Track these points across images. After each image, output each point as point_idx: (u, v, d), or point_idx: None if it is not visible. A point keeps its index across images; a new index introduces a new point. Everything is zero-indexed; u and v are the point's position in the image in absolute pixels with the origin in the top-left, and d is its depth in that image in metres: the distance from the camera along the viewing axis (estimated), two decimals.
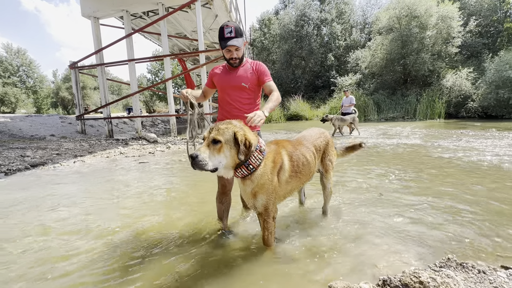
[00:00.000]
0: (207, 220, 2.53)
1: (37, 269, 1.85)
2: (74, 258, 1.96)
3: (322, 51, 25.09)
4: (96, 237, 2.29)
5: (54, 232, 2.41)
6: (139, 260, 1.91)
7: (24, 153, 6.41)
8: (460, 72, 15.90)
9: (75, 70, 10.93)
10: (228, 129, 1.61)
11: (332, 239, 2.09)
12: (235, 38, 2.02)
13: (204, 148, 1.57)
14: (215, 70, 2.25)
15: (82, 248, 2.11)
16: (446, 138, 7.56)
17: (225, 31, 2.01)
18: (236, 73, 2.16)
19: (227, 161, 1.63)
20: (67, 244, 2.18)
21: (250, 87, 2.15)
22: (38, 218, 2.75)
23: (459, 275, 1.02)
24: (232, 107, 2.16)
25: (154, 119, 18.98)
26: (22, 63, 40.48)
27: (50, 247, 2.15)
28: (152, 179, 4.22)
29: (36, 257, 2.00)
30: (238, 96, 2.15)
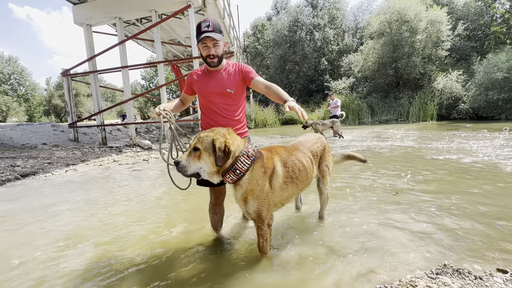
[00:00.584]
0: (200, 229, 2.48)
1: (30, 283, 1.78)
2: (66, 272, 1.90)
3: (316, 55, 25.38)
4: (86, 251, 2.22)
5: (42, 245, 2.33)
6: (133, 268, 1.85)
7: (15, 162, 6.27)
8: (450, 74, 16.24)
9: (68, 77, 10.82)
10: (207, 137, 1.68)
11: (328, 246, 2.06)
12: (213, 32, 1.85)
13: (186, 156, 1.70)
14: (193, 75, 2.08)
15: (72, 262, 2.04)
16: (439, 140, 7.66)
17: (202, 26, 1.86)
18: (219, 78, 1.99)
19: (208, 167, 1.69)
20: (57, 259, 2.11)
21: (236, 91, 2.00)
22: (26, 231, 2.66)
23: (456, 282, 1.01)
24: (218, 115, 2.02)
25: (148, 125, 18.84)
26: (14, 71, 40.01)
27: (40, 260, 2.07)
28: (145, 187, 4.15)
29: (24, 271, 1.93)
30: (223, 103, 2.00)
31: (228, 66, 2.03)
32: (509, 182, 3.43)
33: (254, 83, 1.98)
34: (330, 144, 8.01)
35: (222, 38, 1.92)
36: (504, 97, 13.66)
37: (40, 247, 2.30)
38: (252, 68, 2.05)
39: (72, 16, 10.11)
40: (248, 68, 2.02)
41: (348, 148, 7.04)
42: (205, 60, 1.95)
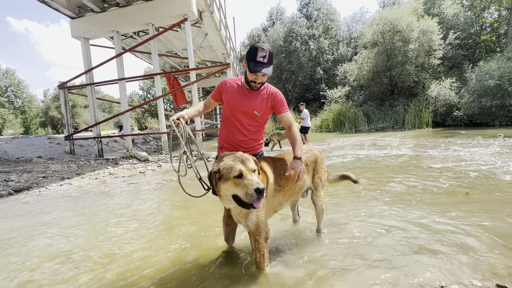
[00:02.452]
0: (196, 244, 2.44)
1: None
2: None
3: (311, 65, 25.79)
4: (82, 270, 2.16)
5: (35, 266, 2.26)
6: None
7: (8, 177, 6.18)
8: (443, 82, 16.53)
9: (64, 90, 10.83)
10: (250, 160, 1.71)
11: (325, 262, 2.03)
12: (267, 66, 1.90)
13: (256, 179, 1.63)
14: (227, 84, 2.11)
15: (71, 281, 1.98)
16: (435, 147, 7.71)
17: (258, 55, 1.86)
18: (252, 100, 2.05)
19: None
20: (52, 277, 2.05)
21: (262, 115, 2.09)
22: (16, 251, 2.59)
23: None
24: (238, 131, 2.10)
25: (145, 136, 18.80)
26: (11, 83, 40.08)
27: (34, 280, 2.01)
28: (141, 201, 4.09)
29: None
30: (247, 123, 2.08)
31: (264, 89, 2.09)
32: (505, 191, 3.44)
33: (281, 117, 2.12)
34: (326, 153, 8.02)
35: (272, 68, 1.97)
36: (496, 103, 13.88)
37: (38, 264, 2.24)
38: (284, 100, 2.14)
39: (70, 29, 10.23)
40: (282, 100, 2.11)
41: (346, 157, 7.05)
42: (249, 83, 2.00)
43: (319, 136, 15.90)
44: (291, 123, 2.10)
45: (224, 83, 2.12)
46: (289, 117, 2.12)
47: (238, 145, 2.14)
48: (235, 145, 2.15)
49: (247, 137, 2.12)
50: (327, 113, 19.56)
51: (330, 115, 19.08)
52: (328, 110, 19.82)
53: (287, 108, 2.15)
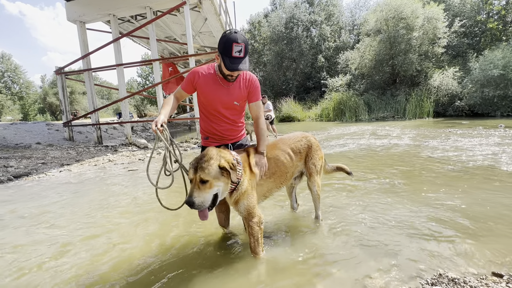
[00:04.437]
0: (194, 230, 2.46)
1: None
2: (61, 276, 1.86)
3: (312, 52, 25.30)
4: (81, 256, 2.18)
5: (32, 251, 2.29)
6: (136, 273, 1.82)
7: (7, 163, 6.18)
8: (446, 71, 16.27)
9: (61, 76, 10.66)
10: (211, 166, 1.65)
11: (322, 249, 2.05)
12: (243, 60, 1.78)
13: (196, 192, 1.64)
14: (199, 74, 1.96)
15: (68, 265, 2.00)
16: (435, 137, 7.68)
17: (234, 50, 1.72)
18: (229, 90, 1.97)
19: (222, 189, 1.72)
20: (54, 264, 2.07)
21: (241, 104, 2.06)
22: (13, 236, 2.62)
23: None
24: (221, 121, 2.06)
25: (145, 124, 18.70)
26: (7, 68, 39.44)
27: (28, 266, 2.03)
28: (140, 188, 4.10)
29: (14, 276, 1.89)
30: (229, 114, 2.05)
31: (239, 77, 2.00)
32: (505, 181, 3.44)
33: (251, 107, 2.08)
34: (326, 142, 8.00)
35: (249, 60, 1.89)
36: (499, 94, 13.73)
37: (35, 251, 2.26)
38: (259, 87, 2.06)
39: (65, 12, 9.94)
40: (257, 89, 2.04)
41: (346, 146, 7.04)
42: (225, 76, 1.90)
43: (319, 125, 15.84)
44: (259, 115, 2.08)
45: (196, 74, 1.96)
46: (258, 107, 2.08)
47: (225, 134, 2.12)
48: (222, 135, 2.12)
49: (232, 126, 2.11)
50: (328, 102, 19.38)
51: (330, 104, 18.91)
52: (328, 99, 19.62)
53: (259, 96, 2.08)
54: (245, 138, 2.28)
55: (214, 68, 1.99)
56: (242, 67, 1.77)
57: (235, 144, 2.17)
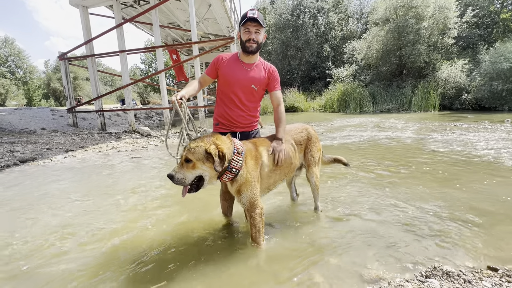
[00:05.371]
0: (199, 217, 2.51)
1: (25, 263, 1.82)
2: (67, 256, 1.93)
3: (319, 41, 24.75)
4: (87, 240, 2.25)
5: (42, 232, 2.36)
6: (141, 256, 1.89)
7: (14, 148, 6.27)
8: (455, 63, 15.88)
9: (65, 61, 10.61)
10: (198, 147, 1.70)
11: (320, 239, 2.09)
12: (258, 21, 1.92)
13: (178, 168, 1.71)
14: (222, 58, 2.08)
15: (73, 250, 2.07)
16: (440, 131, 7.61)
17: (249, 12, 1.92)
18: (249, 72, 2.06)
19: (206, 174, 1.74)
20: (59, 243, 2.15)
21: (259, 89, 2.10)
22: (24, 217, 2.70)
23: (445, 285, 1.02)
24: (235, 105, 2.10)
25: (148, 111, 18.72)
26: (11, 52, 39.27)
27: (39, 245, 2.11)
28: (143, 175, 4.17)
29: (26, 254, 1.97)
30: (245, 98, 2.09)
31: (260, 63, 2.11)
32: (507, 177, 3.43)
33: (272, 94, 2.13)
34: (329, 134, 7.97)
35: (264, 29, 2.00)
36: (508, 87, 13.42)
37: (41, 234, 2.33)
38: (279, 77, 2.16)
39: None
40: (277, 77, 2.14)
41: (349, 138, 7.01)
42: (244, 44, 1.99)
43: (322, 116, 15.72)
44: (279, 102, 2.13)
45: (220, 58, 2.10)
46: (279, 96, 2.15)
47: (236, 121, 2.15)
48: (233, 122, 2.15)
49: (245, 113, 2.13)
50: (332, 93, 19.13)
51: (335, 95, 18.66)
52: (333, 89, 19.36)
53: (279, 86, 2.16)
54: (256, 130, 2.29)
55: (238, 54, 2.11)
56: (255, 16, 1.90)
57: (243, 133, 2.18)
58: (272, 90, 2.13)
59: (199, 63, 10.62)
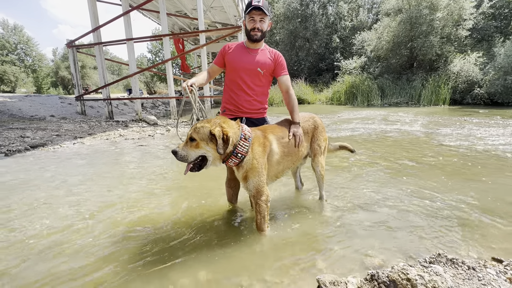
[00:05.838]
0: (204, 203, 2.56)
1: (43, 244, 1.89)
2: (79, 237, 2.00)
3: (327, 32, 24.21)
4: (98, 222, 2.32)
5: (56, 214, 2.44)
6: (146, 239, 1.94)
7: (24, 133, 6.41)
8: (468, 56, 15.39)
9: (73, 49, 10.66)
10: (204, 128, 1.74)
11: (325, 227, 2.10)
12: (262, 8, 1.93)
13: (182, 146, 1.78)
14: (228, 46, 2.15)
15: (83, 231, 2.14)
16: (449, 125, 7.46)
17: (254, 0, 1.93)
18: (254, 56, 2.08)
19: (209, 154, 1.77)
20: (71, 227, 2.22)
21: (265, 73, 2.11)
22: (38, 198, 2.78)
23: (448, 271, 1.02)
24: (242, 91, 2.12)
25: (154, 101, 18.80)
26: (20, 40, 39.56)
27: (52, 227, 2.19)
28: (150, 162, 4.23)
29: (39, 236, 2.04)
30: (251, 82, 2.10)
31: (265, 49, 2.14)
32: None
33: (280, 80, 2.13)
34: (335, 126, 7.90)
35: (269, 17, 2.03)
36: None
37: (66, 216, 2.42)
38: (285, 62, 2.16)
39: None
40: (283, 62, 2.14)
41: (355, 131, 6.95)
42: (249, 33, 2.03)
43: (329, 108, 15.56)
44: (288, 87, 2.14)
45: (226, 47, 2.16)
46: (287, 80, 2.15)
47: (242, 106, 2.15)
48: (238, 106, 2.16)
49: (251, 97, 2.13)
50: (340, 85, 18.83)
51: (342, 87, 18.37)
52: (341, 81, 19.04)
53: (286, 71, 2.16)
54: (262, 118, 2.29)
55: (243, 42, 2.14)
56: (260, 5, 1.91)
57: (250, 120, 2.19)
58: (279, 75, 2.14)
59: (206, 53, 10.53)
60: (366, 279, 1.06)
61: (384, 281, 0.99)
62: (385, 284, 0.98)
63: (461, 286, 0.93)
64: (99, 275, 1.62)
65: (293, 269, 1.61)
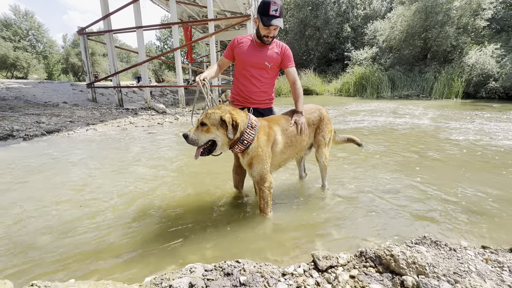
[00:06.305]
0: (211, 189, 2.70)
1: (60, 226, 2.08)
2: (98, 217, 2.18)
3: (339, 21, 23.58)
4: (115, 204, 2.50)
5: (74, 198, 2.63)
6: (156, 220, 2.11)
7: (40, 119, 6.67)
8: (485, 48, 14.82)
9: (84, 36, 10.80)
10: (214, 114, 1.84)
11: (325, 213, 2.21)
12: (279, 18, 2.01)
13: (193, 130, 1.89)
14: (239, 41, 2.22)
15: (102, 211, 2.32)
16: (459, 119, 7.35)
17: (271, 9, 1.97)
18: (264, 53, 2.17)
19: (218, 139, 1.87)
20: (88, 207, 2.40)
21: (272, 66, 2.21)
22: (61, 181, 2.98)
23: (431, 251, 1.12)
24: (250, 83, 2.22)
25: (163, 89, 18.95)
26: (31, 26, 39.98)
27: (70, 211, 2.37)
28: (160, 149, 4.39)
29: (57, 216, 2.23)
30: (259, 75, 2.20)
31: (273, 44, 2.22)
32: None
33: (287, 72, 2.23)
34: (342, 118, 7.89)
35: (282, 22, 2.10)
36: None
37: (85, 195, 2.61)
38: (292, 55, 2.26)
39: None
40: (290, 55, 2.24)
41: (362, 123, 6.94)
42: (262, 37, 2.11)
43: (337, 99, 15.40)
44: (295, 78, 2.23)
45: (236, 40, 2.23)
46: (294, 72, 2.24)
47: (250, 97, 2.26)
48: (246, 98, 2.27)
49: (259, 89, 2.23)
50: (349, 76, 18.51)
51: (351, 78, 18.06)
52: (350, 72, 18.70)
53: (293, 63, 2.26)
54: (269, 108, 2.39)
55: (252, 35, 2.22)
56: (277, 23, 2.00)
57: (257, 110, 2.30)
58: (286, 67, 2.24)
59: (215, 41, 10.51)
60: (356, 255, 1.17)
61: (371, 256, 1.09)
62: (371, 259, 1.09)
63: (440, 263, 1.02)
64: (116, 248, 1.78)
65: (293, 250, 1.74)
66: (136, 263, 1.64)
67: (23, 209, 2.34)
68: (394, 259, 1.02)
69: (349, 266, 1.13)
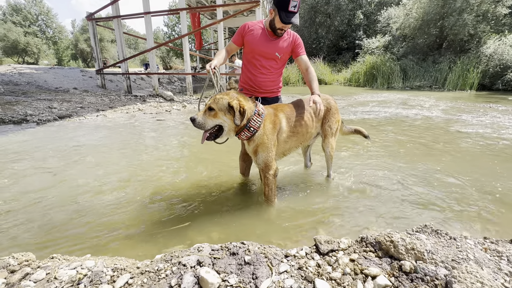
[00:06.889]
0: (218, 176, 2.77)
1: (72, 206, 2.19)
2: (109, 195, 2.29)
3: (351, 7, 22.77)
4: (127, 187, 2.60)
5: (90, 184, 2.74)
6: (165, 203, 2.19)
7: (51, 104, 6.83)
8: (505, 37, 14.15)
9: (93, 22, 10.80)
10: (222, 99, 1.86)
11: (328, 202, 2.26)
12: (296, 14, 2.00)
13: (201, 114, 1.91)
14: (249, 28, 2.17)
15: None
16: (472, 112, 7.16)
17: (290, 4, 1.94)
18: (275, 43, 2.15)
19: (225, 124, 1.89)
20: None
21: (282, 57, 2.21)
22: (76, 163, 3.10)
23: (430, 239, 1.14)
24: (260, 72, 2.22)
25: (170, 76, 18.96)
26: (40, 11, 40.07)
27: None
28: (168, 136, 4.47)
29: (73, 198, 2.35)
30: (268, 65, 2.20)
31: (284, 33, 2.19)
32: None
33: (299, 60, 2.24)
34: (349, 109, 7.79)
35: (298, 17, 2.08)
36: None
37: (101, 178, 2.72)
38: (302, 42, 2.25)
39: None
40: (301, 43, 2.24)
41: (371, 114, 6.85)
42: (275, 30, 2.08)
43: (347, 90, 15.14)
44: (308, 65, 2.23)
45: (246, 26, 2.19)
46: (306, 59, 2.24)
47: (258, 86, 2.27)
48: (255, 87, 2.28)
49: (268, 78, 2.24)
50: (360, 66, 18.05)
51: (362, 68, 17.61)
52: (361, 62, 18.22)
53: (304, 51, 2.26)
54: (276, 97, 2.40)
55: (263, 23, 2.19)
56: (295, 21, 1.98)
57: (265, 99, 2.31)
58: (298, 56, 2.23)
59: (223, 28, 10.36)
60: (357, 240, 1.21)
61: (371, 242, 1.13)
62: (371, 244, 1.12)
63: (439, 251, 1.05)
64: (127, 229, 1.88)
65: (295, 235, 1.80)
66: (145, 243, 1.73)
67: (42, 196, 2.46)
68: (394, 245, 1.06)
69: (349, 250, 1.17)
